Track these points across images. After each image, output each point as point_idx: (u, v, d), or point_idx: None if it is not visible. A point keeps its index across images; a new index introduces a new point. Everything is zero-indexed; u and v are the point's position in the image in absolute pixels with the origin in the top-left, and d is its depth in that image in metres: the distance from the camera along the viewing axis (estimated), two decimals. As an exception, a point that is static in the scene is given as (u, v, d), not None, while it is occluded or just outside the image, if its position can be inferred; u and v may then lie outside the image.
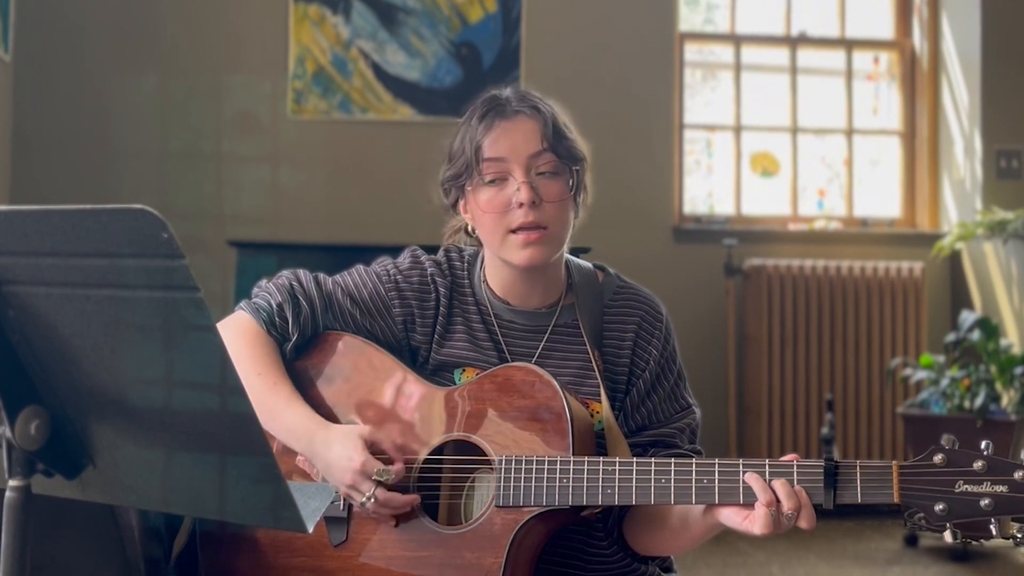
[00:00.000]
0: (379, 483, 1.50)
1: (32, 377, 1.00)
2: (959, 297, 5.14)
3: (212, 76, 4.77)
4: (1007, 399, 4.35)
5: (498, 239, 1.61)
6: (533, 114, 1.61)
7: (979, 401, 4.20)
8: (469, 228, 1.72)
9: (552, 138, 1.59)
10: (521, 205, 1.57)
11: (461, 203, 1.66)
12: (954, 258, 5.13)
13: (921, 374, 4.50)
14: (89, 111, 4.70)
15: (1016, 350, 4.53)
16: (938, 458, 1.36)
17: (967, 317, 4.49)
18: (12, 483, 0.99)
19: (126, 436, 1.02)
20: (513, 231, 1.58)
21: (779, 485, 1.39)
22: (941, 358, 4.54)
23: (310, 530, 1.01)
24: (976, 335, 4.38)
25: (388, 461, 1.54)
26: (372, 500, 1.50)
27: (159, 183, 4.73)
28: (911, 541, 4.17)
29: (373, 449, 1.53)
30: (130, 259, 0.92)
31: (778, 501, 1.39)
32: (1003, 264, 4.91)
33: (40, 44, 4.61)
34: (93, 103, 4.70)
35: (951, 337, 4.51)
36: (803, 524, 1.39)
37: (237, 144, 4.77)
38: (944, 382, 4.36)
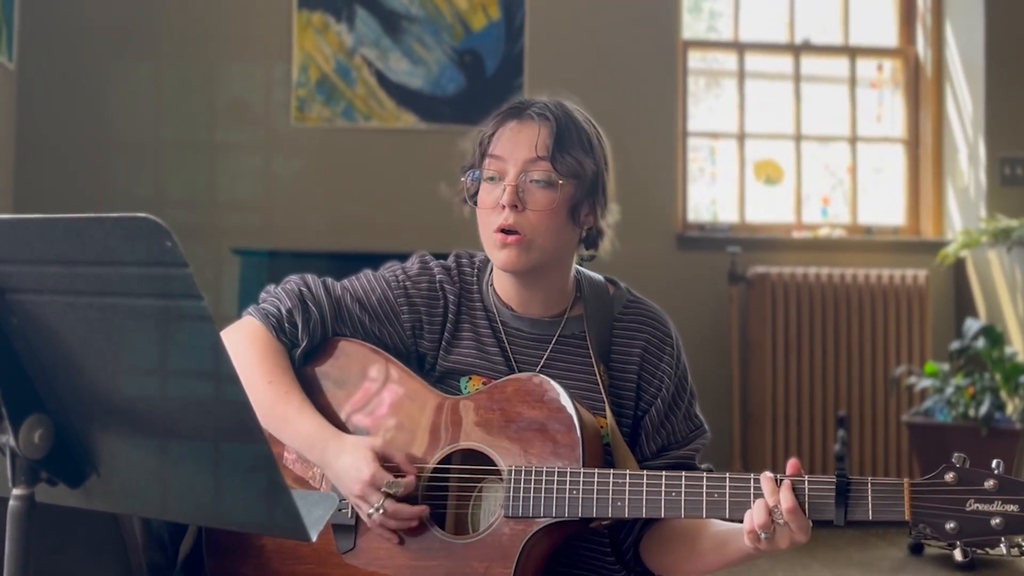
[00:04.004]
0: (388, 495, 1.50)
1: (36, 385, 1.00)
2: (963, 305, 5.13)
3: (215, 82, 4.78)
4: (1012, 407, 4.34)
5: (485, 236, 1.63)
6: (543, 121, 1.60)
7: (984, 409, 4.19)
8: None
9: (554, 148, 1.59)
10: (504, 207, 1.58)
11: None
12: (958, 266, 5.12)
13: (925, 382, 4.49)
14: (93, 116, 4.70)
15: (1021, 358, 4.52)
16: (949, 476, 1.35)
17: (971, 325, 4.49)
18: (16, 492, 0.99)
19: (129, 444, 1.02)
20: (496, 231, 1.59)
21: (784, 488, 1.39)
22: (946, 366, 4.53)
23: (313, 539, 1.00)
24: (981, 343, 4.38)
25: (398, 473, 1.53)
26: (380, 512, 1.50)
27: (159, 187, 4.74)
28: (916, 549, 4.15)
29: (384, 461, 1.53)
30: (133, 267, 0.92)
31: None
32: (1007, 272, 4.90)
33: (44, 51, 4.62)
34: (97, 108, 4.70)
35: (955, 345, 4.50)
36: (793, 527, 1.39)
37: (240, 152, 4.78)
38: (949, 390, 4.35)
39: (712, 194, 5.31)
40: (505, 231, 1.58)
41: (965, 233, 4.78)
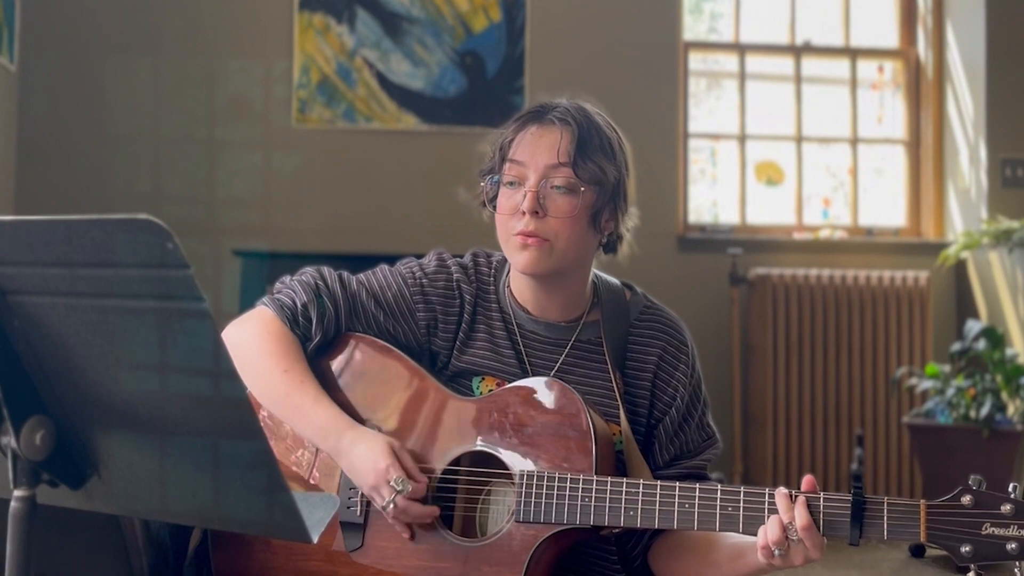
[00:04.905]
0: (397, 492, 1.50)
1: (37, 387, 1.00)
2: (964, 306, 5.13)
3: (216, 84, 4.78)
4: (1013, 409, 4.34)
5: (504, 240, 1.62)
6: (565, 126, 1.59)
7: (985, 411, 4.19)
8: None
9: (576, 154, 1.57)
10: (524, 213, 1.57)
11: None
12: (959, 267, 5.12)
13: (926, 383, 4.49)
14: (93, 117, 4.70)
15: (1022, 359, 4.52)
16: (966, 499, 1.36)
17: (973, 326, 4.49)
18: (17, 493, 0.99)
19: (131, 446, 1.02)
20: (516, 235, 1.59)
21: (799, 505, 1.39)
22: (947, 367, 4.53)
23: (314, 540, 1.00)
24: (982, 344, 4.37)
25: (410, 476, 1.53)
26: (392, 506, 1.50)
27: (160, 187, 4.74)
28: (917, 551, 4.15)
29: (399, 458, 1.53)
30: (135, 269, 0.92)
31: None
32: (1008, 273, 4.90)
33: (45, 52, 4.63)
34: (97, 109, 4.71)
35: (957, 346, 4.50)
36: (807, 544, 1.38)
37: (241, 154, 4.78)
38: (950, 392, 4.35)
39: (713, 195, 5.31)
40: (527, 235, 1.57)
41: (966, 234, 4.78)
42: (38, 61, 4.61)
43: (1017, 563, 1.34)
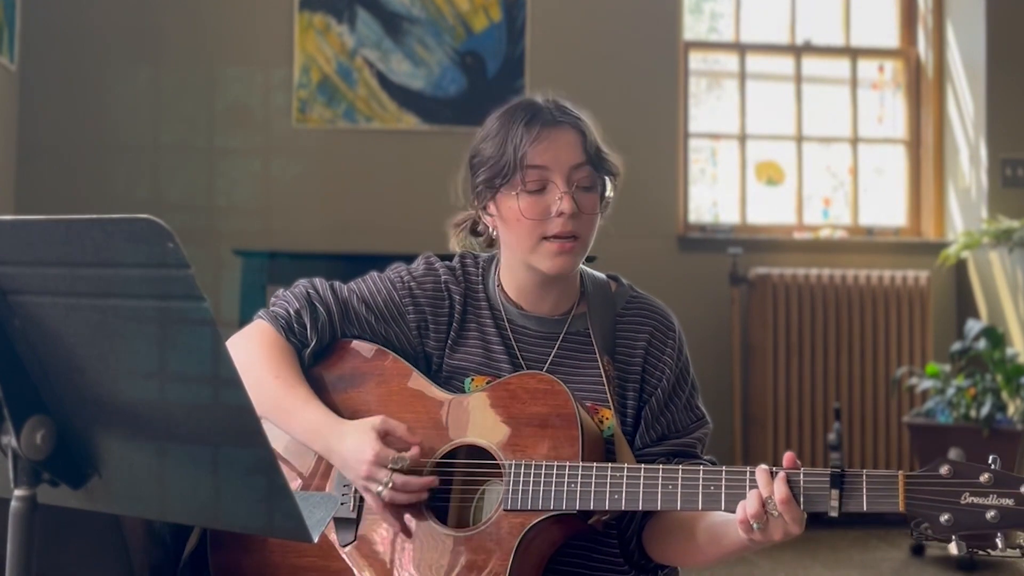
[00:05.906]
0: (395, 470, 1.52)
1: (38, 387, 1.00)
2: (965, 306, 5.13)
3: (216, 82, 4.78)
4: (1013, 408, 4.34)
5: (530, 245, 1.62)
6: (575, 127, 1.64)
7: (985, 410, 4.19)
8: (479, 228, 1.74)
9: (592, 151, 1.63)
10: (561, 214, 1.59)
11: (490, 205, 1.66)
12: (960, 267, 5.12)
13: (927, 383, 4.49)
14: (94, 118, 4.70)
15: (1022, 359, 4.52)
16: (944, 469, 1.36)
17: (973, 326, 4.49)
18: (17, 493, 0.99)
19: (131, 446, 1.02)
20: (547, 238, 1.60)
21: (779, 480, 1.41)
22: (947, 367, 4.53)
23: (315, 540, 1.01)
24: (982, 344, 4.38)
25: (403, 448, 1.55)
26: (390, 486, 1.51)
27: (160, 189, 4.73)
28: (917, 551, 4.15)
29: (387, 439, 1.55)
30: (135, 269, 0.92)
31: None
32: (1009, 273, 4.90)
33: (45, 53, 4.63)
34: (98, 110, 4.71)
35: (957, 346, 4.50)
36: (787, 518, 1.39)
37: (242, 154, 4.78)
38: (950, 391, 4.35)
39: (713, 195, 5.31)
40: (565, 237, 1.60)
41: (966, 234, 4.78)
42: (38, 61, 4.61)
43: (999, 532, 1.34)
